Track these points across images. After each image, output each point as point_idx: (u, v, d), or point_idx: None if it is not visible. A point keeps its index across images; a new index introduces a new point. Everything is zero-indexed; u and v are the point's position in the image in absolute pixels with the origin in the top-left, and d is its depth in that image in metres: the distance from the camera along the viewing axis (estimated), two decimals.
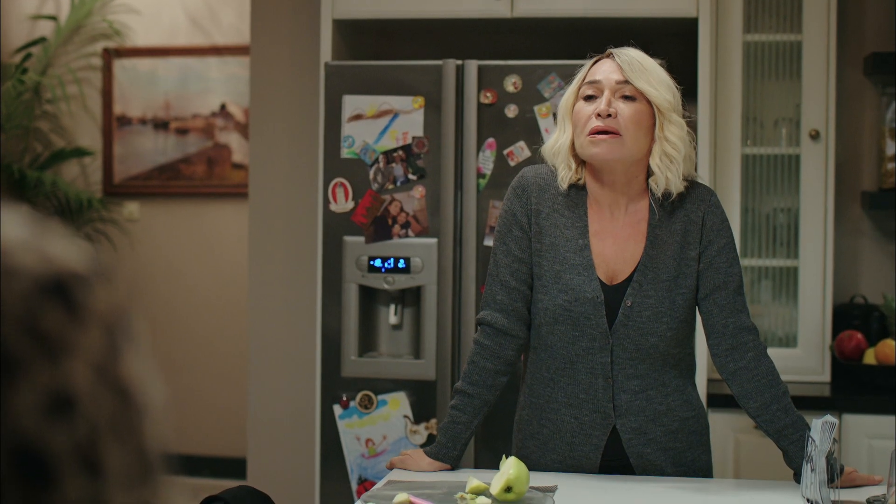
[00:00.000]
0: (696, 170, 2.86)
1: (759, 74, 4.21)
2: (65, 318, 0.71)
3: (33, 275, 0.71)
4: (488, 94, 3.90)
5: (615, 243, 2.75)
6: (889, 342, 4.02)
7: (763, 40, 4.19)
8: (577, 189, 2.77)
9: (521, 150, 3.88)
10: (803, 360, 4.12)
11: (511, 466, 2.51)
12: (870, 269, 4.41)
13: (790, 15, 4.17)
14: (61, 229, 0.76)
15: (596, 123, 2.67)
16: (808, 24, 4.13)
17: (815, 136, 4.11)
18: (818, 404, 3.83)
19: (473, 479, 2.58)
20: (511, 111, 3.89)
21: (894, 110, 4.28)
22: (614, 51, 2.77)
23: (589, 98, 2.72)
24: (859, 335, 4.10)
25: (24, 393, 0.68)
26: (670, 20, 4.02)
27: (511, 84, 3.89)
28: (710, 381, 3.90)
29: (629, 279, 2.72)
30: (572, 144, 2.73)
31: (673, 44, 3.77)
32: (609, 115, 2.66)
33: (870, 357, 4.06)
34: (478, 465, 3.72)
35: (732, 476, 3.88)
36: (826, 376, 4.13)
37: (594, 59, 2.79)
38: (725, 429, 3.87)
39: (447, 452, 2.80)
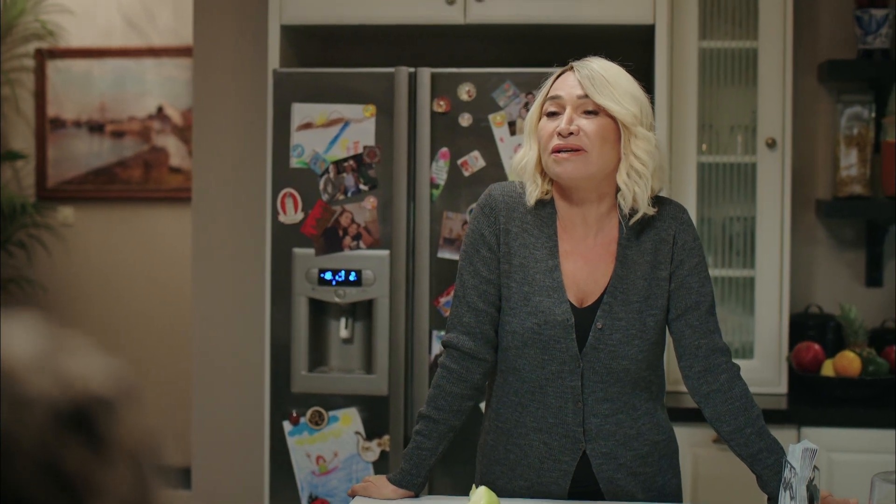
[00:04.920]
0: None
1: (715, 81, 4.16)
2: (88, 455, 0.61)
3: (50, 404, 0.60)
4: (441, 103, 3.81)
5: (586, 264, 2.66)
6: (848, 354, 3.96)
7: (719, 47, 4.14)
8: (547, 207, 2.68)
9: (475, 160, 3.80)
10: (760, 371, 4.07)
11: (482, 497, 2.42)
12: (825, 278, 4.37)
13: (746, 22, 4.12)
14: (74, 338, 0.65)
15: (558, 142, 2.59)
16: (763, 32, 4.08)
17: (771, 144, 4.05)
18: (776, 417, 3.77)
19: None
20: (465, 120, 3.80)
21: (849, 117, 4.23)
22: (576, 64, 2.68)
23: (552, 115, 2.63)
24: (817, 346, 4.05)
25: None
26: (626, 27, 3.95)
27: (465, 92, 3.80)
28: (666, 394, 3.83)
29: (599, 301, 2.64)
30: (539, 160, 2.65)
31: (629, 51, 3.70)
32: (571, 134, 2.58)
33: (828, 369, 4.00)
34: (433, 490, 3.60)
35: (691, 492, 3.82)
36: (783, 388, 4.08)
37: (557, 72, 2.71)
38: (683, 444, 3.77)
39: (411, 479, 2.70)
